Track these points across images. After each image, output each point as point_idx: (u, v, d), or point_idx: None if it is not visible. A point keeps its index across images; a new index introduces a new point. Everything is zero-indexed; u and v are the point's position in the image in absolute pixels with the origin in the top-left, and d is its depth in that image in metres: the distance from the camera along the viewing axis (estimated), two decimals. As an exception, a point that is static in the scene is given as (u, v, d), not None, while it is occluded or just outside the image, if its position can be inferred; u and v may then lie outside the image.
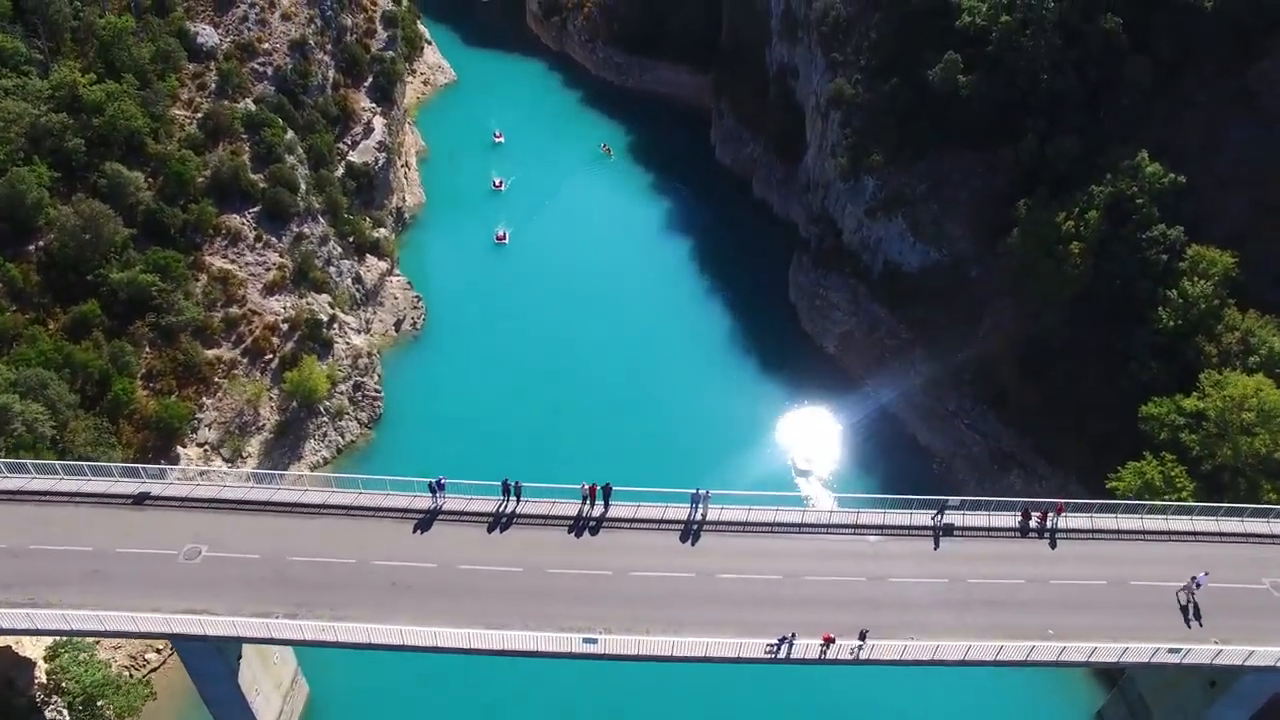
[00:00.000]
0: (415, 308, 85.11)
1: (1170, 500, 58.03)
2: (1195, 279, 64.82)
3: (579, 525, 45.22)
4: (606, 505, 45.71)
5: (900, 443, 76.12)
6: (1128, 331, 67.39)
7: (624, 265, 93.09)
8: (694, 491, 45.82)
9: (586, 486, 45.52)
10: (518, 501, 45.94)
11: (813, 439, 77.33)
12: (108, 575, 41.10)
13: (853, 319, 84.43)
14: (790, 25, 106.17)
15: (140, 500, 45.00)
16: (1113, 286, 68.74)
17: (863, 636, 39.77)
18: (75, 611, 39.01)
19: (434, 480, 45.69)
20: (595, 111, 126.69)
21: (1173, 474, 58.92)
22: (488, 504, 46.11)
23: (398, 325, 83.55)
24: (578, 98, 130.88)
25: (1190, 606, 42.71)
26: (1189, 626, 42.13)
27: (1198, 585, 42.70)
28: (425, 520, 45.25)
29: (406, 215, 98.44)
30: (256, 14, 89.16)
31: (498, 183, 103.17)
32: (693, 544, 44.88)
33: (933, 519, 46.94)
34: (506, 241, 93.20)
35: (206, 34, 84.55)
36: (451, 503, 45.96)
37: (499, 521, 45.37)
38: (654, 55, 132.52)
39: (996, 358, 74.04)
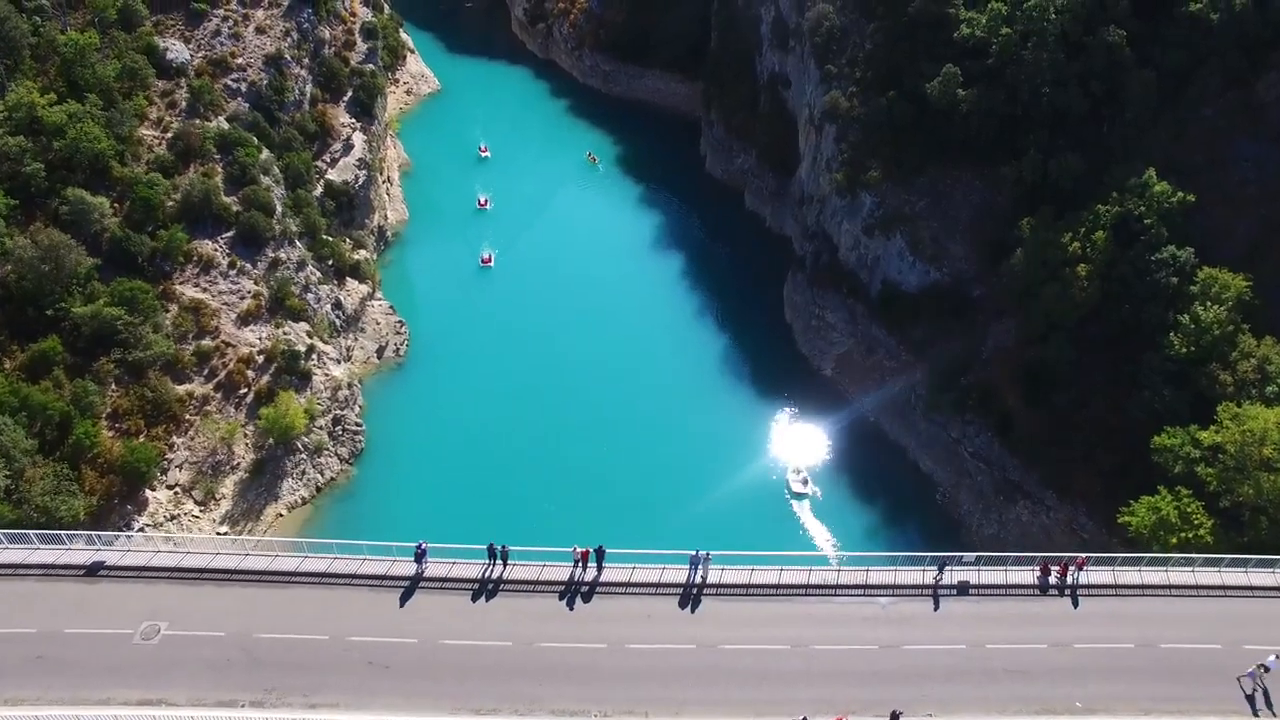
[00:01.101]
0: (398, 333, 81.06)
1: (1187, 536, 55.33)
2: (1207, 303, 61.71)
3: (570, 591, 41.57)
4: (599, 569, 42.09)
5: (902, 471, 72.80)
6: (1137, 357, 64.28)
7: (614, 284, 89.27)
8: (693, 553, 42.26)
9: (578, 550, 41.90)
10: (504, 566, 42.28)
11: (810, 462, 73.95)
12: (53, 661, 37.05)
13: (850, 340, 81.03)
14: (780, 33, 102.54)
15: (93, 571, 41.01)
16: (1121, 310, 65.71)
17: (895, 718, 36.31)
18: (9, 711, 34.90)
19: (416, 546, 41.93)
20: (582, 121, 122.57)
21: (1189, 510, 55.80)
22: (472, 568, 42.38)
23: (380, 352, 79.53)
24: (564, 106, 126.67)
25: (1258, 693, 38.94)
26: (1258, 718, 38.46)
27: (1266, 670, 39.00)
28: (406, 589, 41.47)
29: (389, 233, 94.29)
30: (230, 28, 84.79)
31: (482, 201, 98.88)
32: (692, 610, 41.33)
33: (936, 576, 43.33)
34: (492, 264, 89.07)
35: (176, 50, 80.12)
36: (434, 568, 42.20)
37: (485, 588, 41.66)
38: (642, 63, 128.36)
39: (1000, 382, 70.84)
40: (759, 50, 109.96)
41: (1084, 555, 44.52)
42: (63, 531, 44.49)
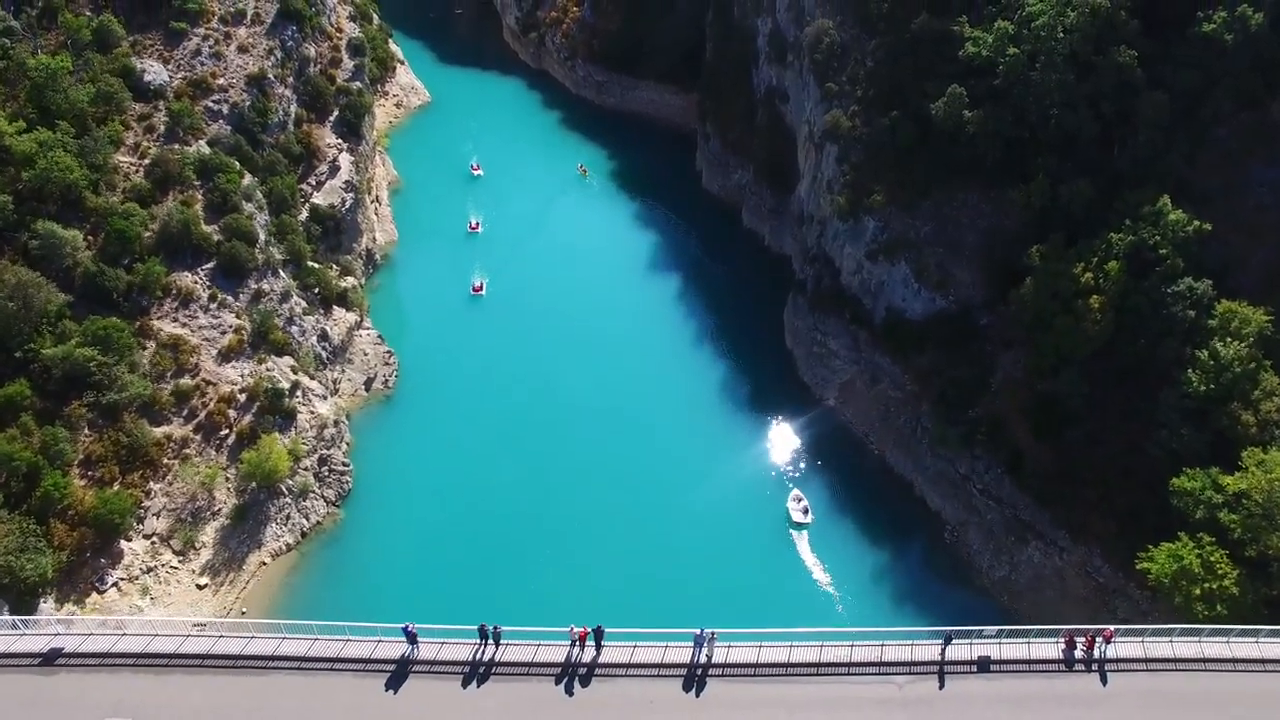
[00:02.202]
0: (387, 364, 77.53)
1: (1210, 587, 52.44)
2: (1227, 339, 58.70)
3: (568, 674, 38.35)
4: (598, 649, 38.90)
5: (908, 506, 69.66)
6: (1153, 393, 61.26)
7: (610, 309, 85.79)
8: (697, 632, 39.07)
9: (576, 631, 38.67)
10: (497, 648, 39.04)
11: (811, 492, 70.90)
12: (4, 771, 33.93)
13: (854, 368, 77.81)
14: (778, 47, 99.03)
15: (50, 659, 37.66)
16: (1136, 344, 62.67)
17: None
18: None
19: (403, 627, 38.66)
20: (576, 134, 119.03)
21: (1212, 559, 52.87)
22: (463, 649, 39.12)
23: (368, 384, 76.02)
24: (557, 119, 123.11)
25: None
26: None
27: None
28: (392, 673, 38.19)
29: (377, 255, 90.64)
30: (210, 47, 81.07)
31: (474, 224, 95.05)
32: (697, 694, 38.16)
33: (942, 650, 40.22)
34: (483, 293, 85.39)
35: (155, 71, 76.41)
36: (423, 648, 38.93)
37: (476, 671, 38.43)
38: (636, 74, 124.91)
39: (1009, 416, 67.69)
40: (756, 63, 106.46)
41: (1111, 628, 41.45)
42: (14, 617, 40.87)
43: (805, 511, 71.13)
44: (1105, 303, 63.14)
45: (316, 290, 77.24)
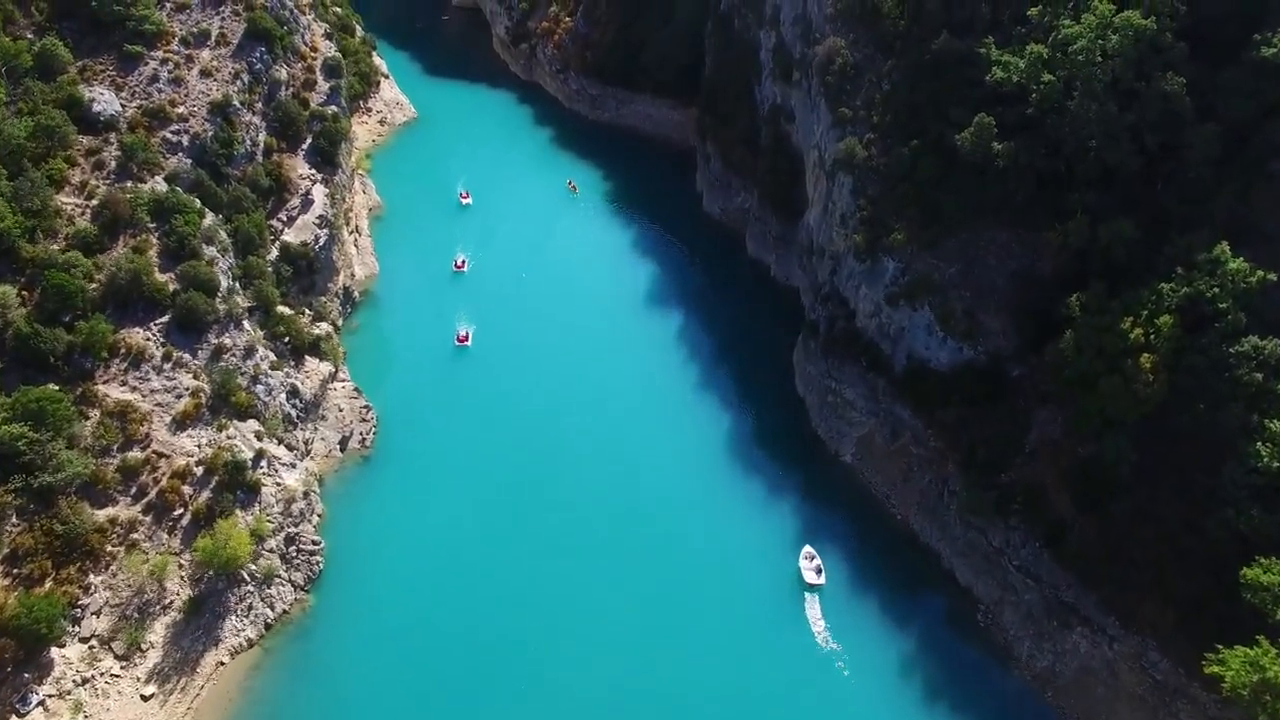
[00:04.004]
0: (364, 420, 69.36)
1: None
2: (1301, 408, 51.19)
3: None
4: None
5: (935, 580, 62.10)
6: (1214, 466, 53.70)
7: (607, 354, 77.77)
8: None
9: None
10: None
11: (826, 555, 63.52)
12: None
13: (871, 420, 70.04)
14: (783, 63, 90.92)
15: None
16: (1194, 409, 55.03)
17: None
18: None
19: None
20: (568, 152, 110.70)
21: (1298, 670, 45.50)
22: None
23: (343, 443, 67.88)
24: (549, 136, 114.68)
25: None
26: None
27: None
28: None
29: (356, 293, 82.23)
30: (170, 72, 72.50)
31: (460, 263, 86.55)
32: None
33: None
34: (469, 343, 77.12)
35: (105, 100, 67.83)
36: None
37: None
38: (631, 87, 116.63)
39: (1047, 482, 60.13)
40: (758, 79, 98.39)
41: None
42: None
43: (819, 571, 64.07)
44: (1158, 362, 55.49)
45: (287, 340, 69.05)
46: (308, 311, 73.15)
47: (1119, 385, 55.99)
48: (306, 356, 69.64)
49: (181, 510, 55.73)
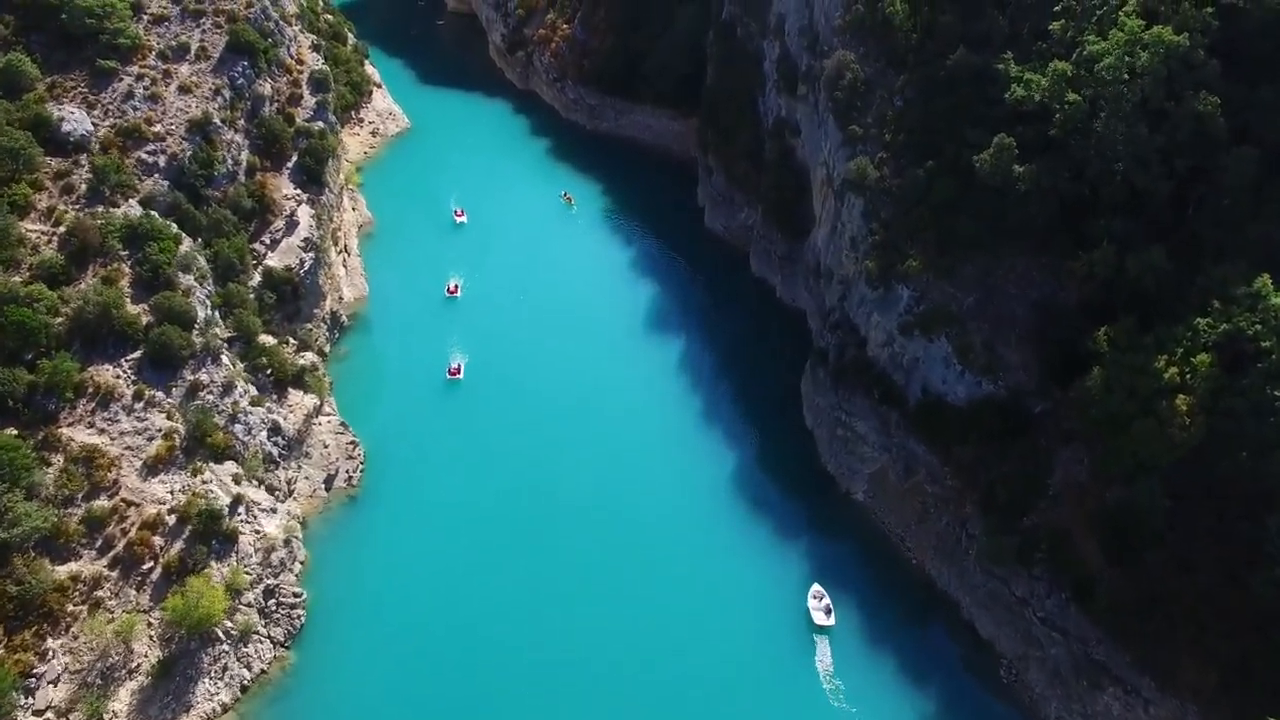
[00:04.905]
0: (351, 457, 64.99)
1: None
2: (1351, 456, 47.11)
3: None
4: None
5: (954, 632, 57.99)
6: (1258, 515, 49.65)
7: (606, 383, 73.37)
8: None
9: None
10: None
11: (837, 599, 59.59)
12: None
13: (884, 455, 65.82)
14: (788, 74, 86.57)
15: None
16: (1234, 455, 50.85)
17: None
18: None
19: None
20: (566, 164, 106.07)
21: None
22: None
23: (328, 482, 63.53)
24: (546, 147, 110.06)
25: None
26: None
27: None
28: None
29: (344, 316, 77.74)
30: (146, 88, 68.06)
31: (452, 287, 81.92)
32: None
33: None
34: (461, 376, 72.51)
35: (76, 120, 63.45)
36: None
37: None
38: (630, 96, 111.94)
39: (1073, 528, 55.97)
40: (762, 90, 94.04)
41: None
42: None
43: (828, 612, 60.17)
44: (1194, 404, 51.32)
45: (269, 371, 64.69)
46: (292, 340, 68.78)
47: (1152, 428, 51.83)
48: (290, 389, 65.30)
49: (151, 563, 51.46)
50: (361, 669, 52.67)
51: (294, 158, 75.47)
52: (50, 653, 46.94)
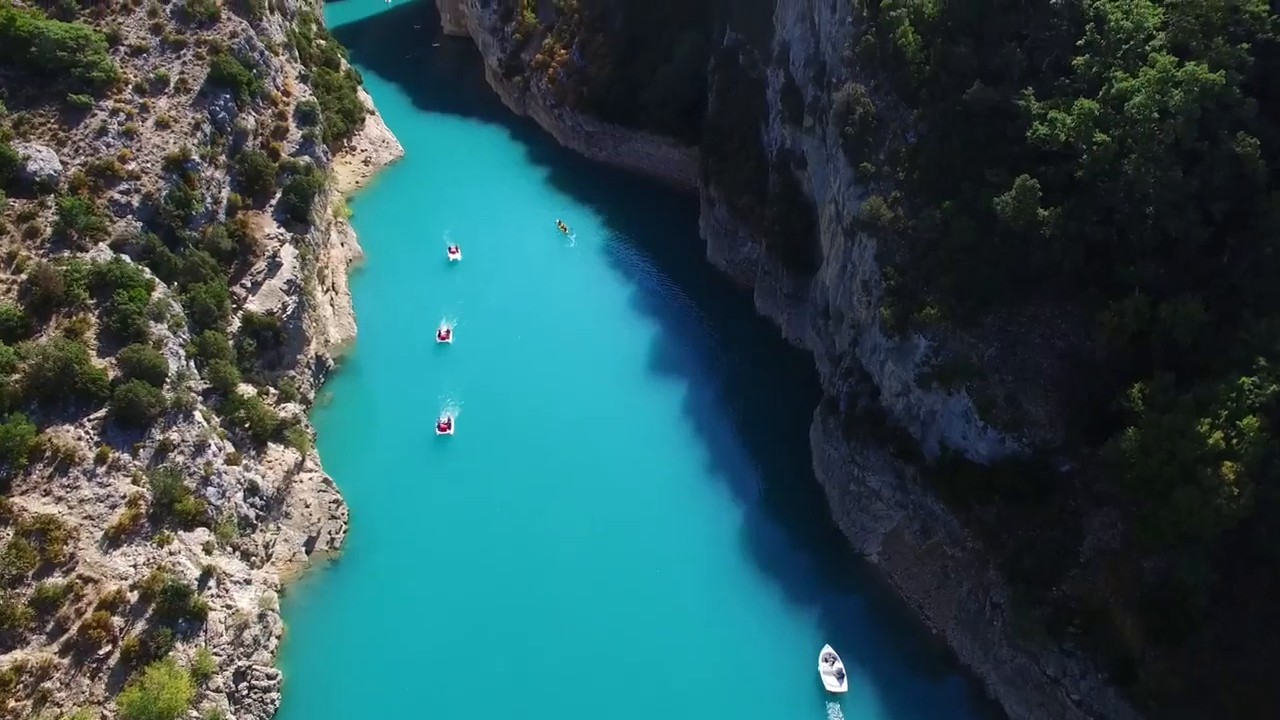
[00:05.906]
0: (334, 517, 60.21)
1: None
2: None
3: None
4: None
5: (978, 708, 53.21)
6: (1314, 596, 45.31)
7: (604, 434, 68.62)
8: None
9: None
10: None
11: (851, 666, 55.01)
12: None
13: (900, 513, 61.18)
14: (793, 105, 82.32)
15: None
16: (1287, 528, 46.43)
17: None
18: None
19: None
20: (564, 194, 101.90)
21: None
22: None
23: (309, 545, 58.71)
24: (543, 176, 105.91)
25: None
26: None
27: None
28: None
29: (330, 360, 73.04)
30: (120, 124, 63.62)
31: (444, 332, 77.25)
32: None
33: None
34: (451, 431, 67.89)
35: (43, 158, 58.99)
36: None
37: None
38: (630, 124, 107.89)
39: (1109, 601, 51.30)
40: (766, 119, 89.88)
41: None
42: None
43: (840, 677, 55.70)
44: (1242, 472, 46.78)
45: (247, 425, 59.92)
46: (273, 390, 64.10)
47: (1196, 497, 47.25)
48: (269, 444, 60.59)
49: (109, 648, 46.56)
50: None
51: (278, 194, 70.95)
52: (-8, 754, 42.07)
